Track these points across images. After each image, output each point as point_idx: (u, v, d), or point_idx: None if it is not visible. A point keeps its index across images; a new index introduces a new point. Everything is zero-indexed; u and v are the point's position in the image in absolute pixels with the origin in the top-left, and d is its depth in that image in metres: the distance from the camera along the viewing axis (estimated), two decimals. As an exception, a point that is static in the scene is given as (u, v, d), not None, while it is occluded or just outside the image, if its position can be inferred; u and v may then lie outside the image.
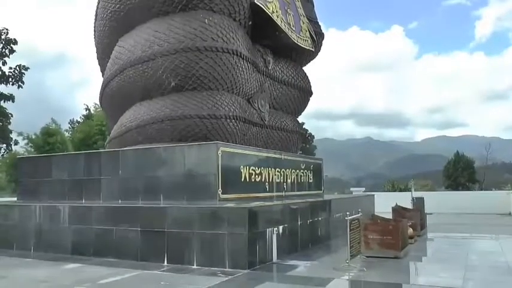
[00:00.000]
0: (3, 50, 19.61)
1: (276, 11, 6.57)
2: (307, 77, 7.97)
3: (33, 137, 24.14)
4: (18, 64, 19.73)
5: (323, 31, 8.45)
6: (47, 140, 23.36)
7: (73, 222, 5.09)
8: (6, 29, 19.65)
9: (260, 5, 6.22)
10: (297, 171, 7.04)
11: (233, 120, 5.89)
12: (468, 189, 29.39)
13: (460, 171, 31.58)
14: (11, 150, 20.90)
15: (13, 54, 19.77)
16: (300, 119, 8.44)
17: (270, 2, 6.44)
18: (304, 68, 8.06)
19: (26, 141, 24.01)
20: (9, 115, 19.63)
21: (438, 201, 12.13)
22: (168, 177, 5.25)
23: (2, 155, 21.09)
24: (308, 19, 7.87)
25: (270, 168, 6.11)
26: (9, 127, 19.92)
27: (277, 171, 6.32)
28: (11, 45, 19.63)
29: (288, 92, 7.47)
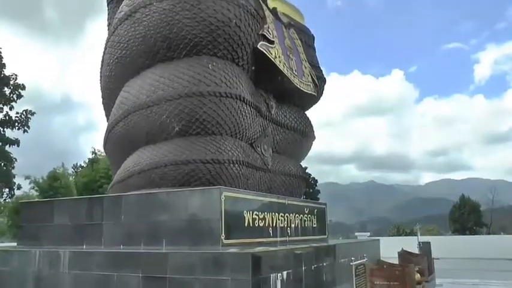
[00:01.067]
0: (11, 95, 19.89)
1: (279, 56, 6.68)
2: (309, 121, 8.02)
3: (40, 180, 24.20)
4: (25, 109, 19.96)
5: (325, 76, 8.57)
6: (52, 184, 23.38)
7: (73, 268, 4.99)
8: (15, 75, 20.02)
9: (263, 50, 6.33)
10: (301, 215, 6.97)
11: (236, 165, 5.88)
12: (475, 233, 29.00)
13: (466, 215, 31.28)
14: (14, 194, 20.85)
15: (20, 99, 20.05)
16: (303, 163, 8.44)
17: (272, 48, 6.55)
18: (306, 112, 8.13)
19: (31, 184, 24.07)
20: (14, 159, 19.69)
21: (445, 246, 11.93)
22: (171, 222, 5.18)
23: (5, 199, 21.03)
24: (310, 64, 8.00)
25: (273, 213, 6.04)
26: (13, 171, 19.94)
27: (281, 216, 6.25)
28: (19, 90, 19.93)
29: (291, 137, 7.49)
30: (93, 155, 27.54)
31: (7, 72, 19.98)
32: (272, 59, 6.44)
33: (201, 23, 5.79)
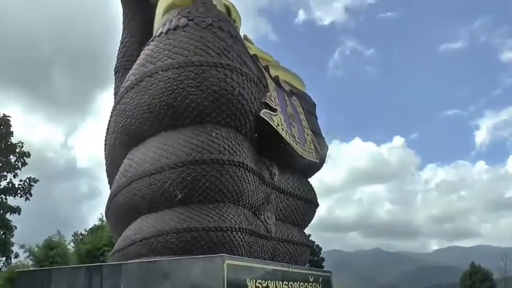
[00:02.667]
0: (16, 162, 20.04)
1: (281, 124, 6.77)
2: (312, 188, 7.99)
3: (36, 249, 23.78)
4: (29, 177, 20.04)
5: (327, 143, 8.63)
6: (48, 253, 22.97)
7: None
8: (22, 143, 20.29)
9: (265, 118, 6.42)
10: (306, 284, 6.76)
11: (239, 233, 5.80)
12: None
13: (478, 283, 30.36)
14: (10, 263, 20.47)
15: (25, 166, 20.17)
16: (307, 230, 8.32)
17: (275, 115, 6.65)
18: (309, 179, 8.12)
19: (27, 253, 23.64)
20: (13, 227, 19.50)
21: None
22: (172, 292, 5.04)
23: (0, 268, 20.61)
24: (312, 131, 8.07)
25: (277, 281, 5.87)
26: (12, 239, 19.69)
27: (285, 284, 6.08)
28: (24, 157, 20.10)
29: (294, 204, 7.44)
30: (100, 221, 27.31)
31: (14, 140, 20.26)
32: (275, 127, 6.52)
33: (205, 92, 5.93)
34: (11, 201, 19.61)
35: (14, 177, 19.70)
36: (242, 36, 7.35)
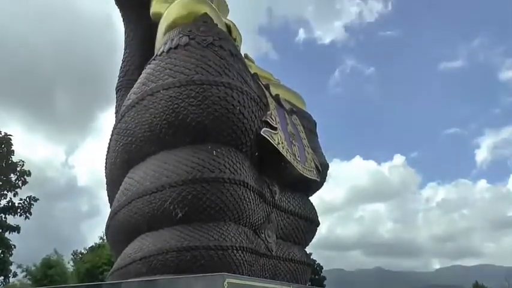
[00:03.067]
0: (17, 181, 20.04)
1: (282, 142, 6.77)
2: (313, 207, 7.96)
3: (33, 268, 23.64)
4: (29, 195, 20.03)
5: (327, 161, 8.63)
6: (46, 272, 22.83)
7: None
8: (23, 162, 20.32)
9: (266, 136, 6.43)
10: (307, 304, 6.71)
11: (240, 251, 5.77)
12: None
13: (481, 303, 30.03)
14: (9, 282, 20.32)
15: (25, 185, 20.17)
16: (308, 249, 8.27)
17: (275, 134, 6.66)
18: (310, 197, 8.10)
19: (24, 273, 23.48)
20: (12, 246, 19.41)
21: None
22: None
23: (-1, 288, 20.46)
24: (312, 150, 8.08)
25: (278, 302, 5.83)
26: (11, 258, 19.59)
27: (286, 304, 6.03)
28: (25, 176, 20.11)
29: (295, 223, 7.41)
30: (100, 240, 27.19)
31: (15, 158, 20.29)
32: (275, 145, 6.53)
33: (206, 110, 5.94)
34: (11, 220, 19.58)
35: (14, 196, 19.74)
36: (243, 55, 7.41)
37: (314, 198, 8.27)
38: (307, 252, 8.22)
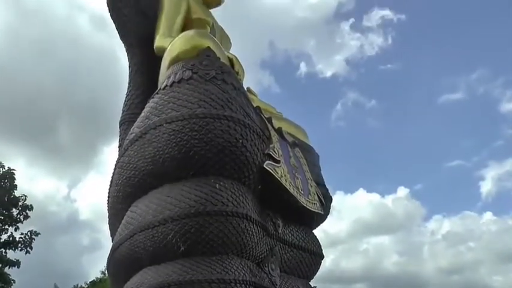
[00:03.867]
0: (18, 216, 19.97)
1: (285, 175, 6.76)
2: (317, 240, 7.88)
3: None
4: (30, 230, 19.93)
5: (331, 194, 8.59)
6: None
7: None
8: (25, 196, 20.31)
9: (269, 169, 6.42)
10: None
11: (243, 285, 5.67)
12: None
13: None
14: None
15: (27, 219, 20.10)
16: (312, 282, 8.13)
17: (278, 167, 6.66)
18: (314, 230, 8.02)
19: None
20: (12, 281, 19.19)
21: None
22: None
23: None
24: (316, 182, 8.05)
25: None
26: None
27: None
28: (27, 211, 20.05)
29: (299, 256, 7.31)
30: (102, 274, 26.89)
31: (17, 193, 20.28)
32: (278, 178, 6.52)
33: (209, 144, 5.96)
34: (11, 254, 19.40)
35: (15, 230, 19.63)
36: (245, 88, 7.48)
37: (318, 231, 8.19)
38: (312, 286, 8.09)
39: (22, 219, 19.93)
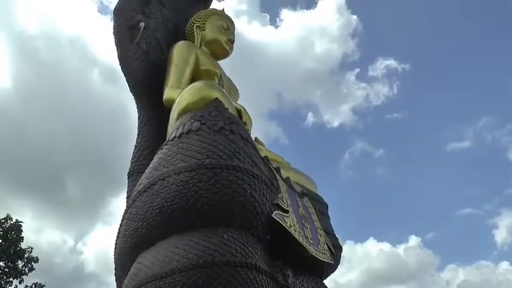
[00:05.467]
0: (24, 268, 19.76)
1: (294, 225, 6.69)
2: (328, 290, 7.71)
3: None
4: (34, 282, 19.68)
5: (341, 243, 8.47)
6: None
7: None
8: (31, 248, 20.19)
9: (278, 219, 6.37)
10: None
11: None
12: None
13: None
14: None
15: (32, 272, 19.88)
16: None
17: (287, 216, 6.61)
18: (324, 281, 7.86)
19: None
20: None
21: None
22: None
23: None
24: (325, 232, 7.96)
25: None
26: None
27: None
28: (32, 263, 19.86)
29: (309, 307, 7.14)
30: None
31: (24, 245, 20.17)
32: (287, 228, 6.45)
33: (217, 194, 5.96)
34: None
35: (20, 283, 19.40)
36: (253, 139, 7.54)
37: (328, 282, 8.02)
38: None
39: (27, 271, 19.75)
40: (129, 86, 9.06)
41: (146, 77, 8.70)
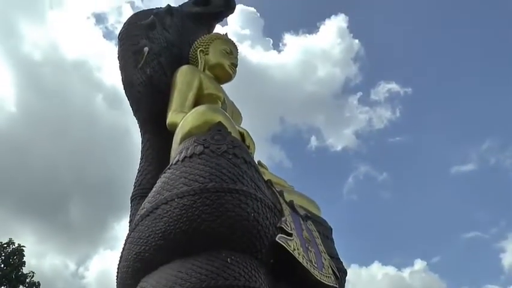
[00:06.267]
0: (25, 294, 19.62)
1: (297, 249, 6.65)
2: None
3: None
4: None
5: (345, 267, 8.39)
6: None
7: None
8: (33, 273, 20.06)
9: (281, 243, 6.33)
10: None
11: None
12: None
13: None
14: None
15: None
16: None
17: (291, 240, 6.56)
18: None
19: None
20: None
21: None
22: None
23: None
24: (329, 256, 7.89)
25: None
26: None
27: None
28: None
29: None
30: None
31: (25, 269, 20.04)
32: (291, 252, 6.41)
33: (220, 218, 5.94)
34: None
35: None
36: (256, 162, 7.54)
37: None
38: None
39: (28, 296, 19.58)
40: (132, 110, 9.13)
41: (150, 101, 8.76)
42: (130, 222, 7.95)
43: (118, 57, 9.33)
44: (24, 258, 20.32)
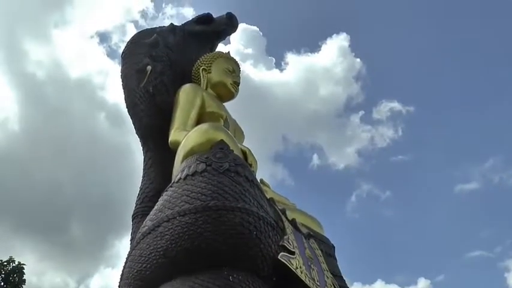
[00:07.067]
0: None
1: (300, 267, 6.60)
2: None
3: None
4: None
5: (348, 285, 8.31)
6: None
7: None
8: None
9: (284, 261, 6.29)
10: None
11: None
12: None
13: None
14: None
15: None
16: None
17: (293, 258, 6.52)
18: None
19: None
20: None
21: None
22: None
23: None
24: (332, 274, 7.83)
25: None
26: None
27: None
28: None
29: None
30: None
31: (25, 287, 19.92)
32: (293, 270, 6.36)
33: (222, 236, 5.92)
34: None
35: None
36: (259, 180, 7.53)
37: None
38: None
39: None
40: (135, 128, 9.16)
41: (152, 119, 8.80)
42: (131, 240, 7.92)
43: (121, 75, 9.40)
44: (25, 276, 20.26)
